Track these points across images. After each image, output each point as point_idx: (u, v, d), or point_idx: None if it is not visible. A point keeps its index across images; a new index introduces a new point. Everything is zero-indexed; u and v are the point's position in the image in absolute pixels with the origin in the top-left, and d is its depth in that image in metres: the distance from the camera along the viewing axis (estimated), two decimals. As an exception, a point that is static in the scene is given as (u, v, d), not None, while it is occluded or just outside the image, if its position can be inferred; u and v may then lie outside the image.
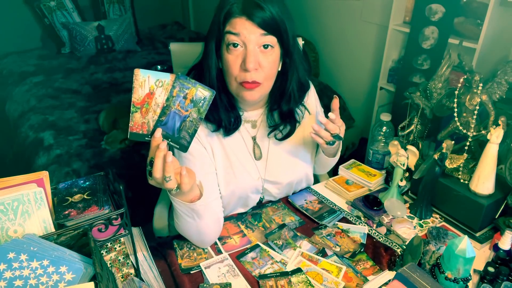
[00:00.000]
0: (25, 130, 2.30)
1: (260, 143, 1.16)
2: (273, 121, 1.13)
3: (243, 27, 0.92)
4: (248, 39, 0.93)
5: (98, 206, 0.78)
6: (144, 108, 0.77)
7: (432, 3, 2.02)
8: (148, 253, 0.94)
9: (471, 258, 0.82)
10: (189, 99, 0.78)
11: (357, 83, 2.79)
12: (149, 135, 0.79)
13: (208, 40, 0.99)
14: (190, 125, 0.79)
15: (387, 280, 0.92)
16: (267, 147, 1.16)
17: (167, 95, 0.77)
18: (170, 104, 0.77)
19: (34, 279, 0.64)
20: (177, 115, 0.78)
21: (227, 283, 0.93)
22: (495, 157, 1.02)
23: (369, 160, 1.42)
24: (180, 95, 0.77)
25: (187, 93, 0.77)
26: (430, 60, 2.16)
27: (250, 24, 0.92)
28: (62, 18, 3.29)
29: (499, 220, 1.08)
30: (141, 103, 0.77)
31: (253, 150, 1.15)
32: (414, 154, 1.15)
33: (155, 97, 0.77)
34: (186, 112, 0.78)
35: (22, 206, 0.70)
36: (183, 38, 3.73)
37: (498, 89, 1.08)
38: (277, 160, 1.17)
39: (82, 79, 2.87)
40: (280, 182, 1.19)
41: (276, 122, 1.13)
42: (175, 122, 0.78)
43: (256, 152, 1.15)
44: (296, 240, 1.08)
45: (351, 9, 2.68)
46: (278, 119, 1.14)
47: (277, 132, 1.14)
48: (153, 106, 0.77)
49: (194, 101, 0.78)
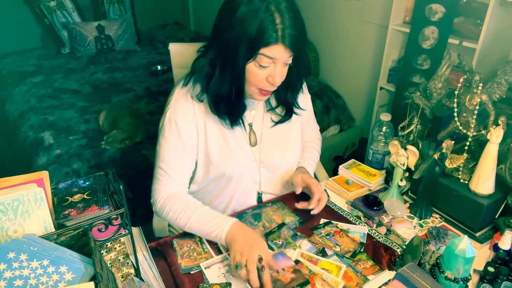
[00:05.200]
0: (25, 130, 2.30)
1: (255, 130, 1.19)
2: (270, 105, 1.20)
3: (278, 53, 0.97)
4: (279, 61, 0.99)
5: (98, 206, 0.78)
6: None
7: (432, 3, 2.01)
8: (148, 253, 0.94)
9: (471, 258, 0.82)
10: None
11: (357, 83, 2.79)
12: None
13: (234, 53, 0.98)
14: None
15: (387, 280, 0.92)
16: (260, 133, 1.20)
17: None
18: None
19: (34, 279, 0.64)
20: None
21: (227, 283, 0.93)
22: (495, 157, 1.02)
23: (369, 160, 1.42)
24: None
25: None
26: (430, 60, 2.16)
27: (284, 51, 0.97)
28: (62, 18, 3.29)
29: (499, 220, 1.08)
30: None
31: (249, 136, 1.18)
32: (414, 154, 1.15)
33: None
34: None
35: (22, 206, 0.70)
36: (183, 38, 3.73)
37: (498, 89, 1.08)
38: (271, 145, 1.21)
39: (82, 79, 2.87)
40: (275, 165, 1.22)
41: (272, 106, 1.20)
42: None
43: (252, 138, 1.19)
44: (296, 239, 1.08)
45: (351, 9, 2.67)
46: (275, 103, 1.20)
47: (274, 115, 1.20)
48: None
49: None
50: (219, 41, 1.01)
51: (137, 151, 2.06)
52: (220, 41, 1.00)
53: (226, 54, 0.99)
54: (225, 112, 1.09)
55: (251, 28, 0.94)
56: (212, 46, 1.04)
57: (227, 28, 0.97)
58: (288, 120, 1.21)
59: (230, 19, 0.96)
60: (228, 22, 0.97)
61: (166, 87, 2.78)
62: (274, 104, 1.20)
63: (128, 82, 2.85)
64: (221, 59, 1.02)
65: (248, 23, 0.94)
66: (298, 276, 0.94)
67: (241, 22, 0.95)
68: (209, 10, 4.16)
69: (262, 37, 0.94)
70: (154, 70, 3.03)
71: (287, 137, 1.24)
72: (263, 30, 0.94)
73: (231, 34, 0.96)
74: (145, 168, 1.99)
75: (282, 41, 0.95)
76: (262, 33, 0.94)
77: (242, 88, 1.04)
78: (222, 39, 0.99)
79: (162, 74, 3.00)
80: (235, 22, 0.95)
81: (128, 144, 2.09)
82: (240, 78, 1.02)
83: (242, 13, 0.94)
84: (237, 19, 0.95)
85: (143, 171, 1.98)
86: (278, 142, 1.22)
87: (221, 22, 1.00)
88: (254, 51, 0.96)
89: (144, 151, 2.06)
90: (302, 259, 1.02)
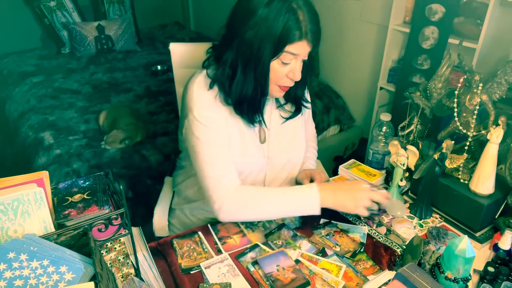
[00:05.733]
0: (25, 130, 2.30)
1: (265, 127, 1.20)
2: (279, 101, 1.21)
3: (302, 49, 0.99)
4: (301, 57, 1.02)
5: (98, 206, 0.78)
6: None
7: (432, 3, 2.02)
8: (148, 253, 0.94)
9: (471, 258, 0.82)
10: None
11: (357, 83, 2.79)
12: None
13: (258, 53, 0.99)
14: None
15: (387, 280, 0.92)
16: (269, 130, 1.20)
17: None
18: None
19: (34, 279, 0.64)
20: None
21: (227, 283, 0.93)
22: (495, 157, 1.02)
23: (369, 160, 1.42)
24: None
25: None
26: (430, 60, 2.16)
27: (307, 46, 1.00)
28: (62, 18, 3.29)
29: (499, 220, 1.08)
30: None
31: (259, 133, 1.18)
32: (414, 154, 1.15)
33: None
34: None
35: (22, 206, 0.70)
36: (183, 38, 3.73)
37: (498, 89, 1.08)
38: (279, 142, 1.22)
39: (82, 79, 2.87)
40: (282, 162, 1.24)
41: (281, 103, 1.21)
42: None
43: (261, 135, 1.19)
44: (295, 240, 1.08)
45: (351, 9, 2.67)
46: (283, 100, 1.21)
47: (282, 111, 1.21)
48: None
49: None
50: (240, 42, 1.00)
51: (137, 151, 2.06)
52: (241, 42, 1.00)
53: (250, 54, 1.00)
54: (247, 112, 1.09)
55: (276, 27, 0.95)
56: (230, 48, 1.03)
57: (248, 28, 0.97)
58: (298, 115, 1.22)
59: (250, 19, 0.97)
60: (249, 22, 0.97)
61: (166, 87, 2.78)
62: (282, 101, 1.21)
63: (128, 82, 2.85)
64: (243, 60, 1.01)
65: (272, 22, 0.95)
66: (298, 276, 0.94)
67: (264, 22, 0.96)
68: (209, 10, 4.16)
69: (288, 35, 0.96)
70: (154, 70, 3.03)
71: (293, 133, 1.25)
72: (288, 28, 0.96)
73: (254, 34, 0.97)
74: (145, 168, 1.99)
75: (305, 37, 0.98)
76: (288, 31, 0.96)
77: (266, 87, 1.05)
78: (243, 39, 0.99)
79: (162, 74, 3.00)
80: (258, 22, 0.96)
81: (128, 144, 2.09)
82: (265, 76, 1.03)
83: (265, 13, 0.96)
84: (260, 19, 0.96)
85: (143, 171, 1.98)
86: (285, 139, 1.23)
87: (240, 23, 0.99)
88: (280, 49, 0.98)
89: (144, 151, 2.06)
90: (302, 259, 1.02)
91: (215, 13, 3.98)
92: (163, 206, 1.38)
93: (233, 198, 1.05)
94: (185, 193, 1.29)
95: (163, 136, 2.19)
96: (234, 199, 1.05)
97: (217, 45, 1.09)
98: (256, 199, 1.05)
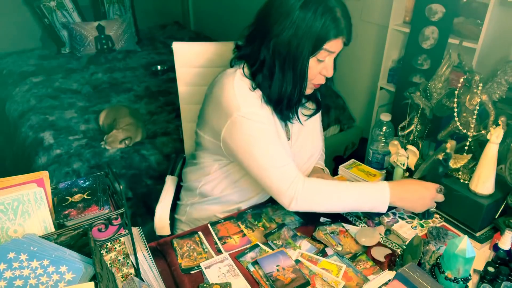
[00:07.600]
0: (25, 130, 2.30)
1: (289, 125, 1.21)
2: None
3: (338, 46, 1.03)
4: (335, 54, 1.05)
5: (98, 206, 0.78)
6: None
7: (432, 3, 2.02)
8: (148, 253, 0.94)
9: (471, 258, 0.82)
10: None
11: (357, 83, 2.79)
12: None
13: (297, 52, 1.00)
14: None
15: (387, 280, 0.92)
16: (291, 129, 1.21)
17: None
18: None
19: (34, 279, 0.64)
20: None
21: (227, 283, 0.93)
22: (495, 157, 1.02)
23: (369, 160, 1.42)
24: None
25: None
26: (430, 60, 2.16)
27: (342, 42, 1.03)
28: (62, 18, 3.29)
29: (499, 220, 1.08)
30: None
31: (285, 131, 1.19)
32: (414, 154, 1.15)
33: None
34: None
35: (22, 206, 0.70)
36: (183, 38, 3.73)
37: (498, 89, 1.08)
38: (301, 140, 1.23)
39: (82, 79, 2.87)
40: (303, 159, 1.24)
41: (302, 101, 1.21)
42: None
43: (287, 133, 1.20)
44: (295, 240, 1.08)
45: (351, 9, 2.63)
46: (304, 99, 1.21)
47: (304, 109, 1.21)
48: None
49: None
50: (276, 41, 1.00)
51: (137, 151, 2.06)
52: (278, 42, 1.00)
53: (287, 53, 1.01)
54: (286, 109, 1.10)
55: (315, 26, 0.97)
56: (264, 47, 1.03)
57: (285, 28, 0.99)
58: (319, 111, 1.24)
59: (287, 19, 0.98)
60: (285, 22, 0.98)
61: (166, 87, 2.78)
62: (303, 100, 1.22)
63: (128, 82, 2.85)
64: (280, 59, 1.02)
65: (311, 21, 0.97)
66: (298, 276, 0.94)
67: (302, 21, 0.97)
68: (209, 10, 4.16)
69: (327, 33, 0.98)
70: (154, 70, 3.03)
71: (313, 129, 1.27)
72: (327, 26, 0.98)
73: (293, 33, 0.99)
74: (145, 168, 1.99)
75: (342, 35, 1.01)
76: (326, 29, 0.98)
77: (305, 84, 1.06)
78: (280, 39, 1.00)
79: (162, 74, 3.00)
80: (296, 21, 0.97)
81: (128, 144, 2.09)
82: (304, 74, 1.04)
83: (303, 12, 0.97)
84: (299, 19, 0.97)
85: (143, 171, 1.98)
86: (307, 135, 1.24)
87: (275, 23, 1.00)
88: (319, 47, 1.00)
89: (144, 151, 2.06)
90: (302, 259, 1.02)
91: (215, 13, 3.99)
92: (163, 206, 1.38)
93: (307, 189, 1.04)
94: (201, 189, 1.27)
95: (163, 136, 2.19)
96: (307, 190, 1.04)
97: (245, 45, 1.10)
98: (328, 193, 1.06)
